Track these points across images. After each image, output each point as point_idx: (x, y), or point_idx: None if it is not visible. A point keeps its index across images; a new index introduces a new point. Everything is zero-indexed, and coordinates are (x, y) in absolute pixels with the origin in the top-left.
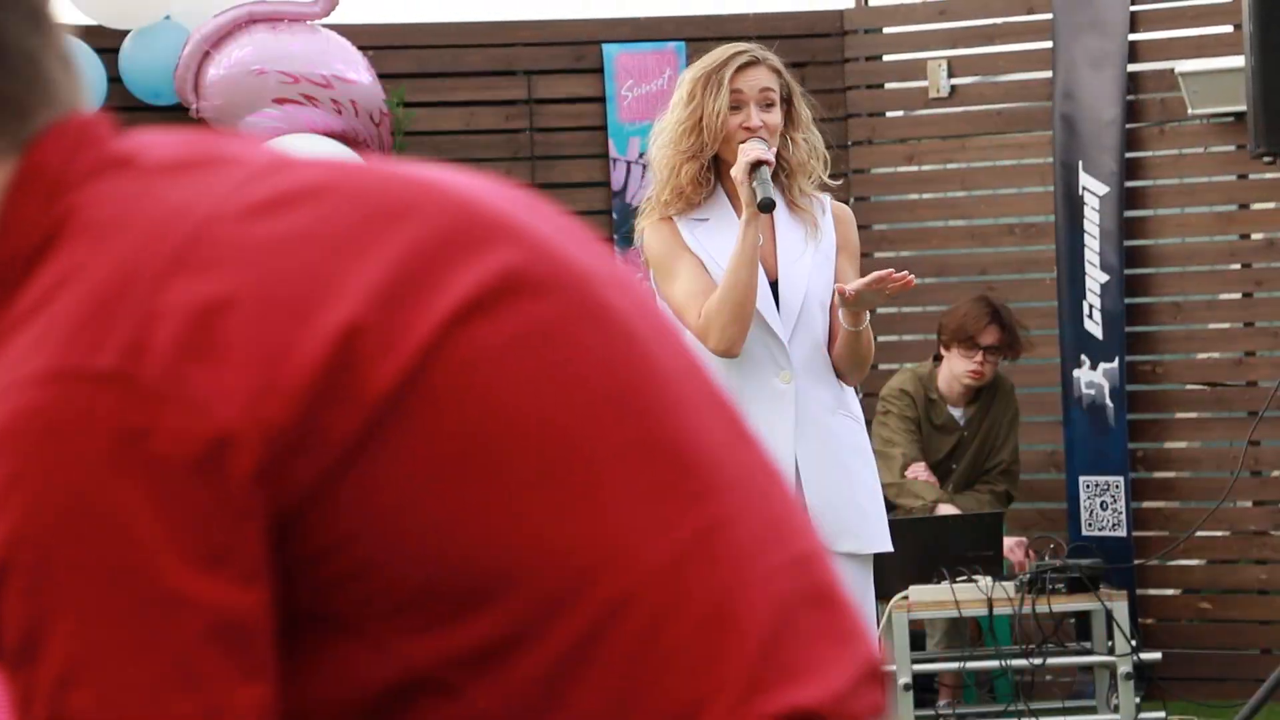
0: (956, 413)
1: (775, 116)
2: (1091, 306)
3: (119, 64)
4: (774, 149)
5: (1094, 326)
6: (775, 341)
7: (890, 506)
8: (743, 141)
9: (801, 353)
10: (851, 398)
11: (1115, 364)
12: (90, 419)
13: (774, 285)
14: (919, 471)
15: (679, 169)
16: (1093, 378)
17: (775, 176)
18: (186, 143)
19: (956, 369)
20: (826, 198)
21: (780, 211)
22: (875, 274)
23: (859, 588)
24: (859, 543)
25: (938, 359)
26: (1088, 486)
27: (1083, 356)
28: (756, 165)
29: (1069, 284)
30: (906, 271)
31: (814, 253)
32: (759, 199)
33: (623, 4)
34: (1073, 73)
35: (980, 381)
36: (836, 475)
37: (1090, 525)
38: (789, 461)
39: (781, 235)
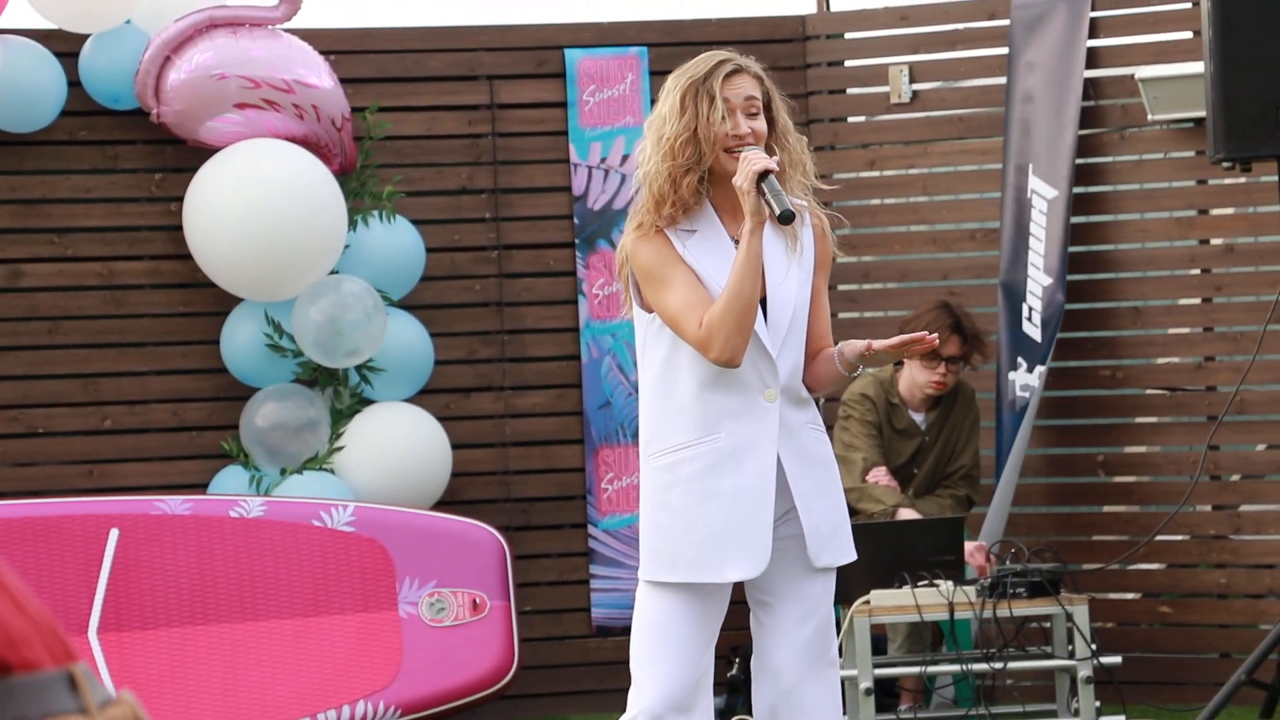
0: (918, 417)
1: (761, 124)
2: (1031, 309)
3: (79, 68)
4: (775, 157)
5: (1032, 329)
6: (765, 359)
7: (852, 512)
8: (729, 150)
9: (786, 370)
10: (815, 408)
11: (1042, 369)
12: None
13: (762, 302)
14: (880, 476)
15: (679, 181)
16: (1027, 380)
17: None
18: None
19: (919, 379)
20: (805, 206)
21: (774, 228)
22: (904, 337)
23: (826, 599)
24: (836, 556)
25: (898, 364)
26: None
27: (1019, 359)
28: (764, 175)
29: (1008, 287)
30: (932, 335)
31: (797, 269)
32: (779, 211)
33: (585, 9)
34: (1028, 77)
35: (943, 391)
36: (819, 491)
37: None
38: (772, 478)
39: (767, 251)
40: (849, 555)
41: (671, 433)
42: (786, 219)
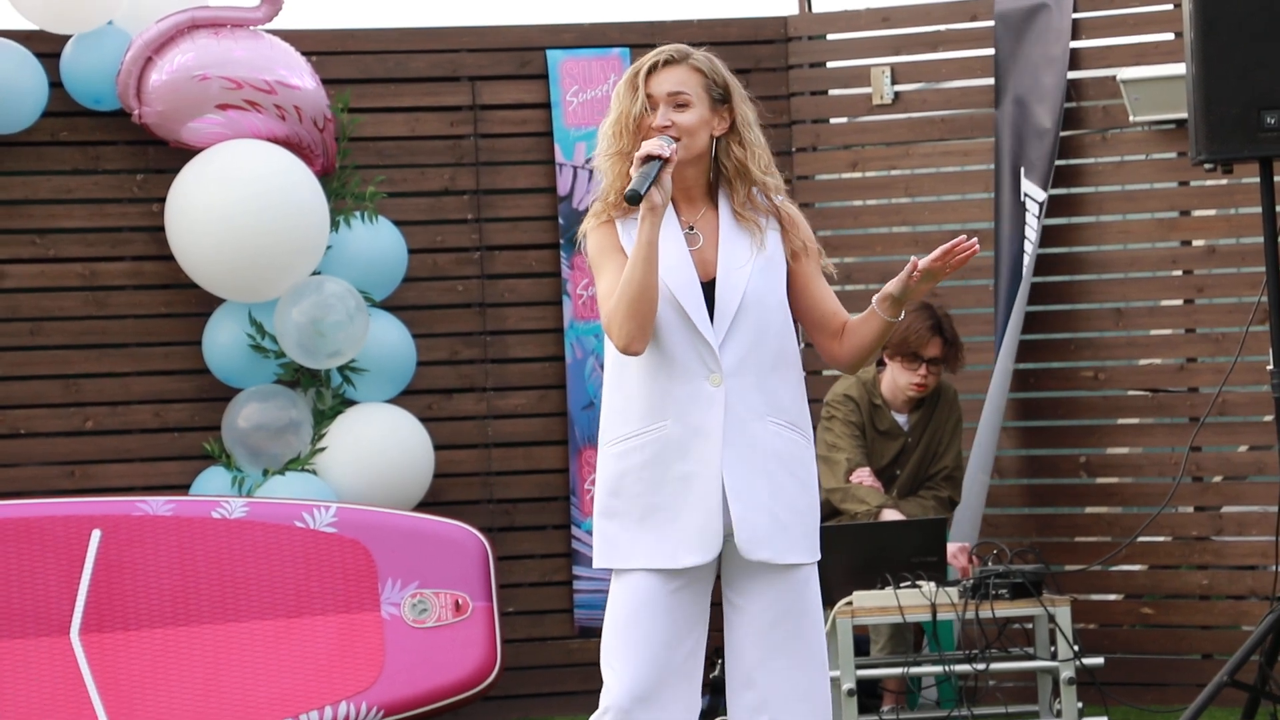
0: (900, 418)
1: (689, 116)
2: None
3: (60, 69)
4: (673, 147)
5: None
6: (704, 345)
7: (835, 512)
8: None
9: (734, 356)
10: (793, 402)
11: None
12: None
13: (710, 286)
14: (863, 476)
15: (614, 171)
16: None
17: (719, 182)
18: None
19: (900, 381)
20: (781, 199)
21: (725, 217)
22: (947, 245)
23: (788, 596)
24: (773, 553)
25: (881, 365)
26: None
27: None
28: (646, 160)
29: (1001, 289)
30: (973, 239)
31: (758, 257)
32: (626, 191)
33: (567, 10)
34: (1014, 79)
35: (924, 393)
36: (757, 483)
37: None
38: (716, 466)
39: (725, 238)
40: (797, 556)
41: (624, 421)
42: (630, 199)
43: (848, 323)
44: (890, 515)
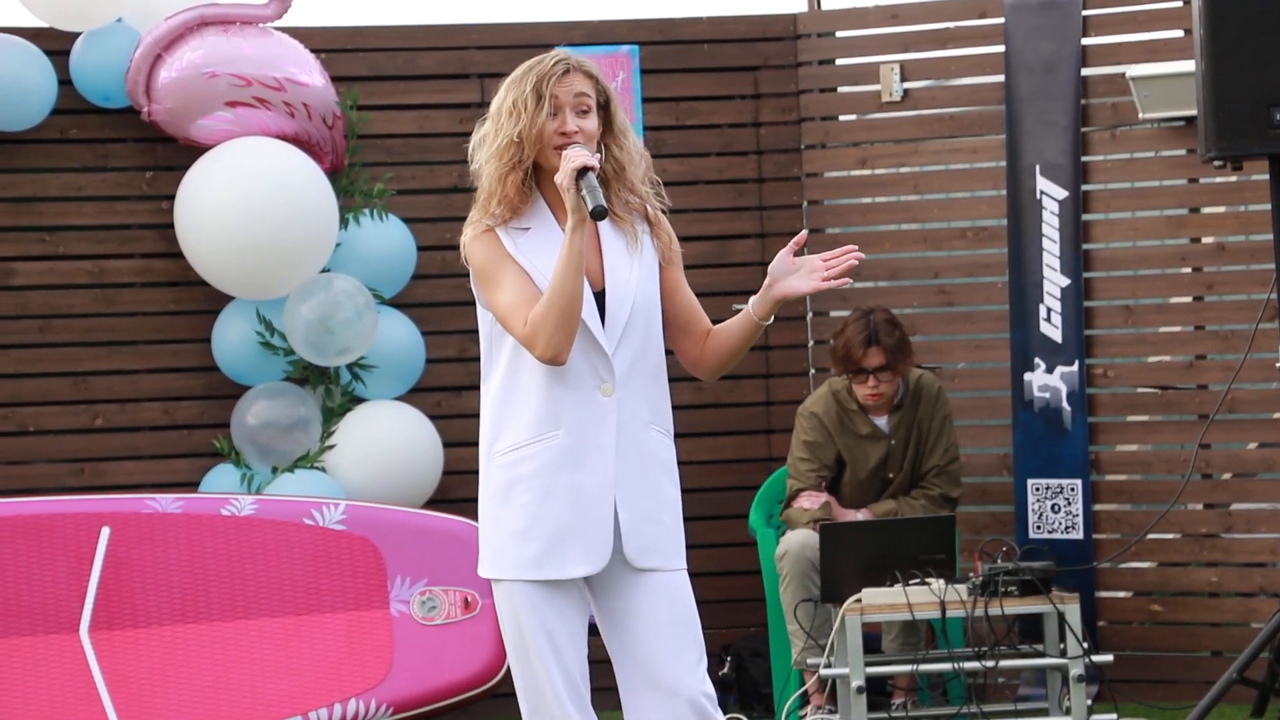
0: (880, 421)
1: (591, 122)
2: (1050, 310)
3: (70, 66)
4: (597, 155)
5: (1052, 330)
6: (599, 353)
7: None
8: (559, 147)
9: (623, 365)
10: (668, 408)
11: (1075, 368)
12: None
13: (600, 296)
14: (808, 501)
15: (505, 179)
16: (1047, 381)
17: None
18: None
19: (858, 393)
20: (651, 201)
21: (604, 223)
22: (800, 236)
23: (678, 603)
24: (663, 559)
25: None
26: (1036, 489)
27: (1036, 360)
28: (583, 172)
29: (1020, 288)
30: (853, 248)
31: (639, 263)
32: (591, 206)
33: (577, 7)
34: (1025, 77)
35: (882, 401)
36: (647, 491)
37: (1039, 528)
38: (608, 477)
39: (607, 245)
40: (681, 561)
41: (513, 430)
42: (598, 215)
43: (711, 329)
44: (845, 516)
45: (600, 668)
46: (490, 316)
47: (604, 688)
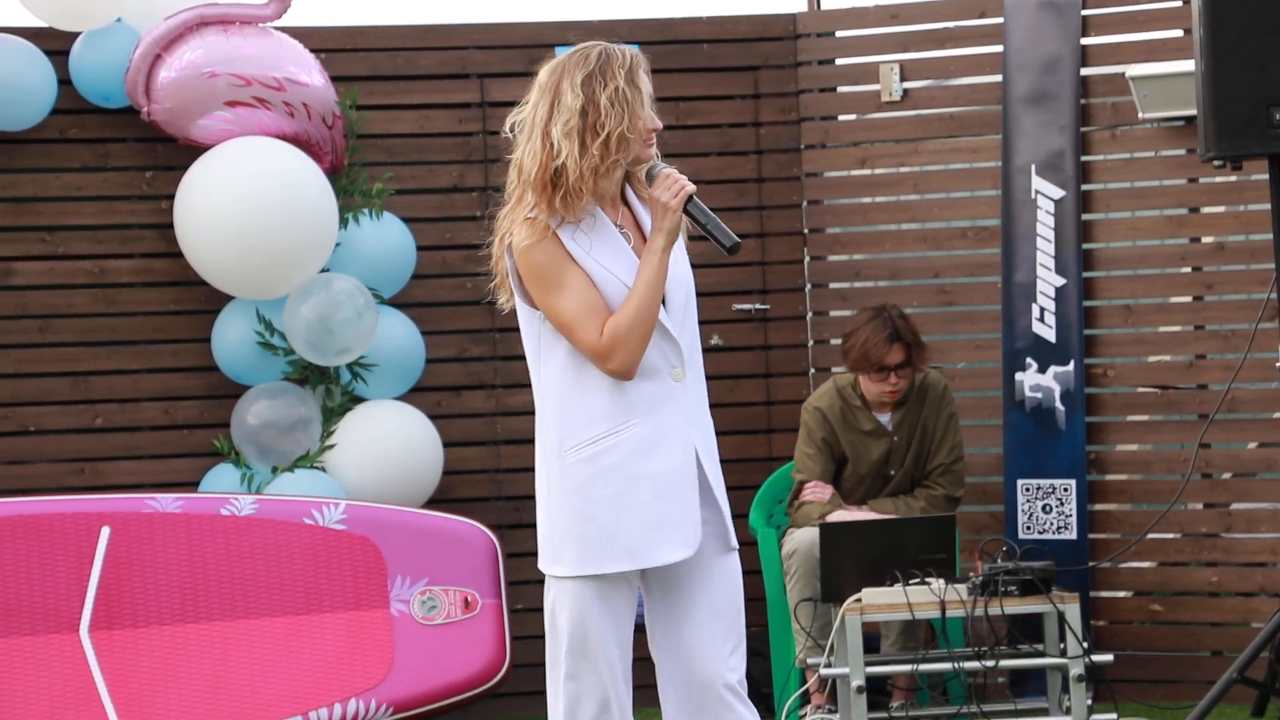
0: (883, 418)
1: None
2: (1044, 310)
3: (69, 66)
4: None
5: (1045, 330)
6: (669, 340)
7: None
8: (646, 143)
9: (686, 348)
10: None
11: (1069, 367)
12: None
13: None
14: (816, 493)
15: (608, 174)
16: (1039, 380)
17: (630, 173)
18: None
19: (872, 391)
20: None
21: (641, 212)
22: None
23: (734, 588)
24: (731, 540)
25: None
26: (1026, 490)
27: (1028, 360)
28: (690, 198)
29: (1012, 287)
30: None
31: (678, 247)
32: (729, 244)
33: (576, 6)
34: (1024, 76)
35: (899, 397)
36: (716, 471)
37: (1029, 529)
38: (693, 457)
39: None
40: (735, 540)
41: (588, 425)
42: (735, 251)
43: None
44: (837, 517)
45: (636, 667)
46: (539, 316)
47: (642, 685)
